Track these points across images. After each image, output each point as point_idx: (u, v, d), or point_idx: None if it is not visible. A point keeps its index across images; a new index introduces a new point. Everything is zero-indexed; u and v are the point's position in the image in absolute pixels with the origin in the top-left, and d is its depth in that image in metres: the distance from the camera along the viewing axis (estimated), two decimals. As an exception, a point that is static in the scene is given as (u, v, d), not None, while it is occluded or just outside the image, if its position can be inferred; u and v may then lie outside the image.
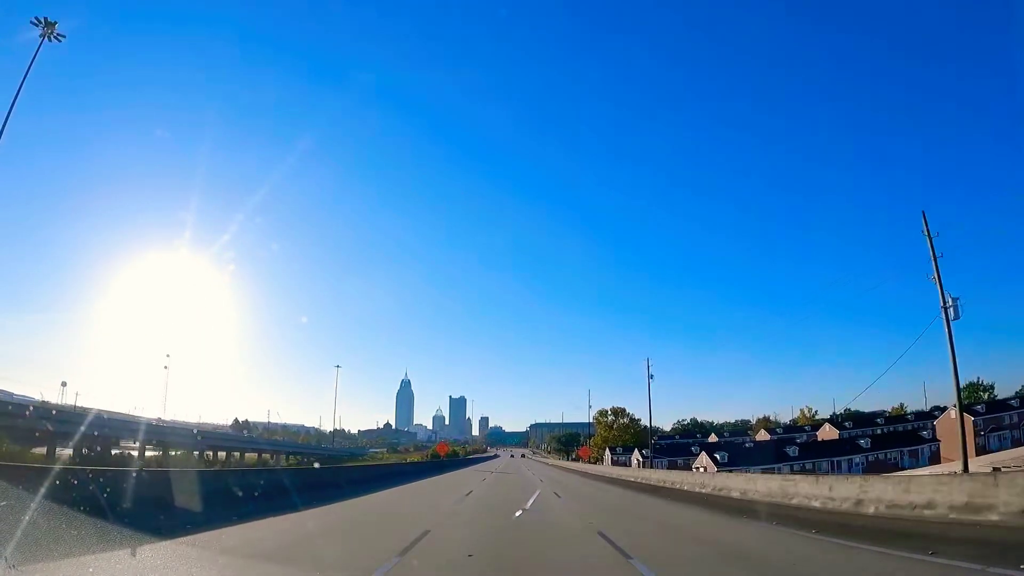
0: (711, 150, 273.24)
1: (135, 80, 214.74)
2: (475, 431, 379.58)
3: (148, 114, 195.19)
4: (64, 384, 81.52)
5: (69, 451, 44.01)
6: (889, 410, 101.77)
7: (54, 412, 50.20)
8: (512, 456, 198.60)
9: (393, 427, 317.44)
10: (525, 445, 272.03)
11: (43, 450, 44.61)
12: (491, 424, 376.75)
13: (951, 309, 24.76)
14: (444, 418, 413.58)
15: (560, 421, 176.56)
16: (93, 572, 6.95)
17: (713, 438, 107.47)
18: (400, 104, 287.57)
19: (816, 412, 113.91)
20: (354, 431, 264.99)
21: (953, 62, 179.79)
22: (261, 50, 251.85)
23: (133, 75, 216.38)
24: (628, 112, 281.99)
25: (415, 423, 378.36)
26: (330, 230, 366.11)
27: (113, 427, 55.39)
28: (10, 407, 47.09)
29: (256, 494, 15.30)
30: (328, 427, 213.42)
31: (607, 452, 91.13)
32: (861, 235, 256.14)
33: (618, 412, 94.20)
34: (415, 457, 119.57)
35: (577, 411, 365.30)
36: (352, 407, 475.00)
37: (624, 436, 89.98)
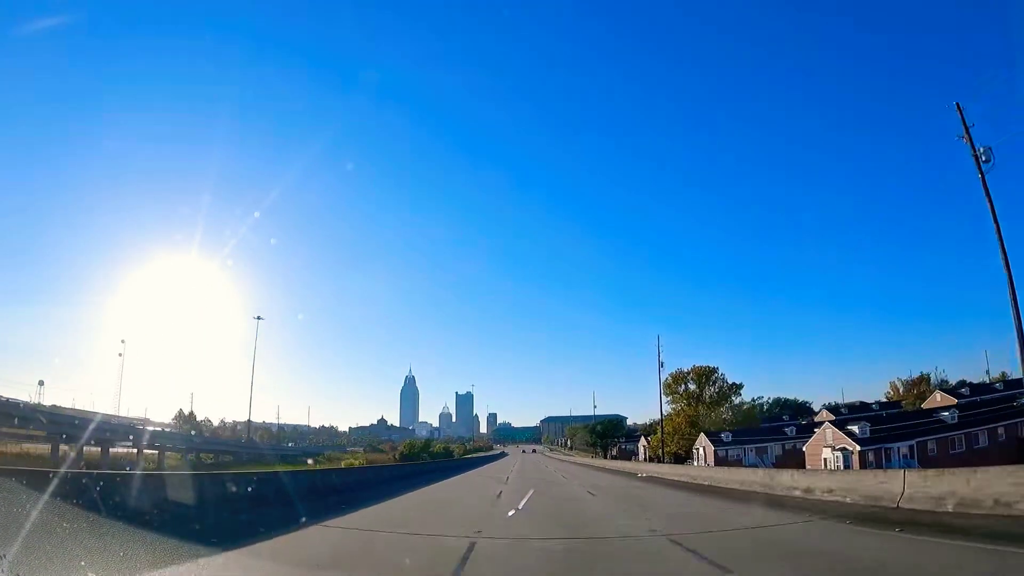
0: (721, 149, 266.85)
1: (139, 79, 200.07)
2: (483, 428, 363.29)
3: (155, 116, 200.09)
4: (41, 383, 76.36)
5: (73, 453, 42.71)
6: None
7: (52, 413, 50.04)
8: (524, 452, 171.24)
9: (389, 424, 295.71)
10: (538, 441, 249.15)
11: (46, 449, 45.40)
12: (499, 421, 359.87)
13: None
14: (451, 415, 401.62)
15: (580, 414, 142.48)
16: None
17: (825, 415, 69.01)
18: (404, 101, 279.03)
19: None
20: (344, 428, 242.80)
21: (955, 57, 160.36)
22: (270, 51, 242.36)
23: (137, 76, 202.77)
24: (636, 108, 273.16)
25: (420, 420, 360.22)
26: (332, 227, 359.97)
27: (114, 430, 54.92)
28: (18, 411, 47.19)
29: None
30: (314, 423, 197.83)
31: (703, 441, 54.03)
32: (863, 227, 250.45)
33: (704, 373, 57.46)
34: (383, 459, 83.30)
35: (605, 401, 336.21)
36: (353, 404, 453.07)
37: (714, 414, 53.42)
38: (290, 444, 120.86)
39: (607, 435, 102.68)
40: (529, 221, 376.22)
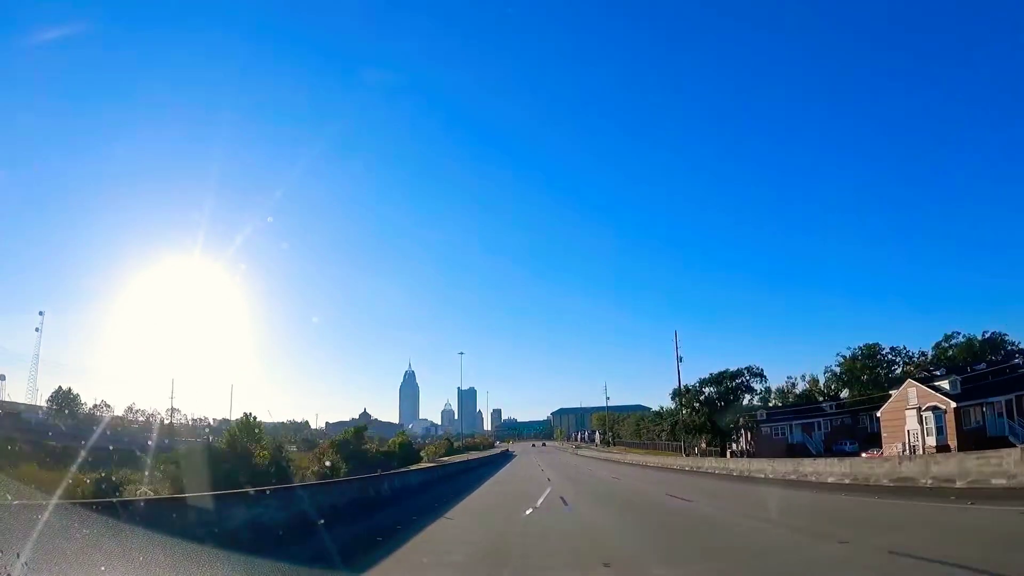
0: (735, 141, 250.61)
1: (142, 80, 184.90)
2: (487, 425, 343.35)
3: (158, 115, 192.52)
4: (3, 377, 77.20)
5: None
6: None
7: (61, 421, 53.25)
8: (534, 446, 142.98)
9: (373, 419, 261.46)
10: (549, 436, 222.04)
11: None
12: (505, 416, 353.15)
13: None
14: (453, 412, 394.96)
15: (619, 404, 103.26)
16: None
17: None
18: (407, 95, 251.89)
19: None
20: (320, 424, 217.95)
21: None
22: (276, 47, 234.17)
23: (140, 75, 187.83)
24: (641, 95, 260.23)
25: (421, 417, 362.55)
26: (335, 223, 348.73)
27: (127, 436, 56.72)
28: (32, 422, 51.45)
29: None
30: (304, 418, 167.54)
31: None
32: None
33: None
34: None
35: (618, 394, 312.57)
36: (354, 400, 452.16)
37: None
38: (211, 438, 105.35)
39: (718, 411, 51.90)
40: (533, 215, 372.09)
